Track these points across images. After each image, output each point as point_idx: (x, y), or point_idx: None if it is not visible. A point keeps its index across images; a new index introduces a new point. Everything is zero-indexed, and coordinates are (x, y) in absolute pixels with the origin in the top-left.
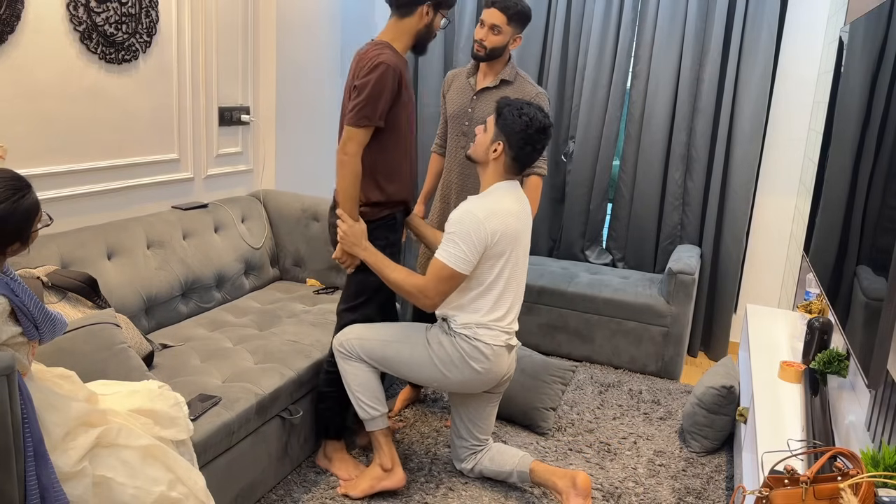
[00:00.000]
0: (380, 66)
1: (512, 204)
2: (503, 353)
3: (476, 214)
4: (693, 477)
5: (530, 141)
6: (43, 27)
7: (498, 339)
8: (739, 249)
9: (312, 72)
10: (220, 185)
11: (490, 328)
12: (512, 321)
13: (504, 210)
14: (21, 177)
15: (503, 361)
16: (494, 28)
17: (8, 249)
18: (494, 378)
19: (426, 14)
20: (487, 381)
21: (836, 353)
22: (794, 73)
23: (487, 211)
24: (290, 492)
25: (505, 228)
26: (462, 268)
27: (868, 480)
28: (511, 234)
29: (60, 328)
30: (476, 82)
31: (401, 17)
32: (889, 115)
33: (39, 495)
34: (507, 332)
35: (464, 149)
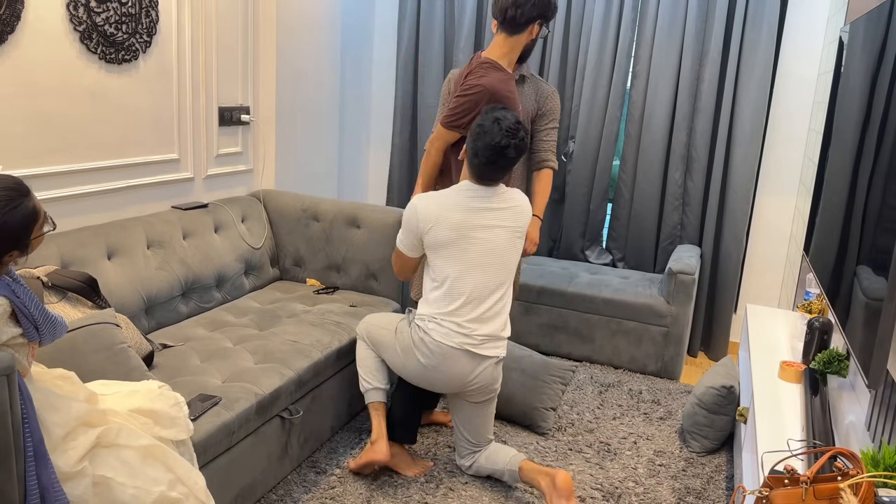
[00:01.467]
0: (478, 88)
1: (464, 200)
2: (456, 355)
3: (415, 203)
4: (693, 477)
5: (478, 153)
6: (43, 27)
7: (449, 339)
8: (739, 249)
9: (312, 72)
10: (220, 185)
11: (440, 324)
12: (470, 321)
13: (449, 202)
14: (20, 184)
15: (457, 365)
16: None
17: (6, 257)
18: (447, 379)
19: (532, 31)
20: (440, 379)
21: (836, 353)
22: (794, 73)
23: (427, 200)
24: (290, 492)
25: (442, 218)
26: (401, 247)
27: (868, 480)
28: (453, 224)
29: (61, 330)
30: None
31: (511, 35)
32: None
33: (39, 495)
34: (464, 332)
35: None
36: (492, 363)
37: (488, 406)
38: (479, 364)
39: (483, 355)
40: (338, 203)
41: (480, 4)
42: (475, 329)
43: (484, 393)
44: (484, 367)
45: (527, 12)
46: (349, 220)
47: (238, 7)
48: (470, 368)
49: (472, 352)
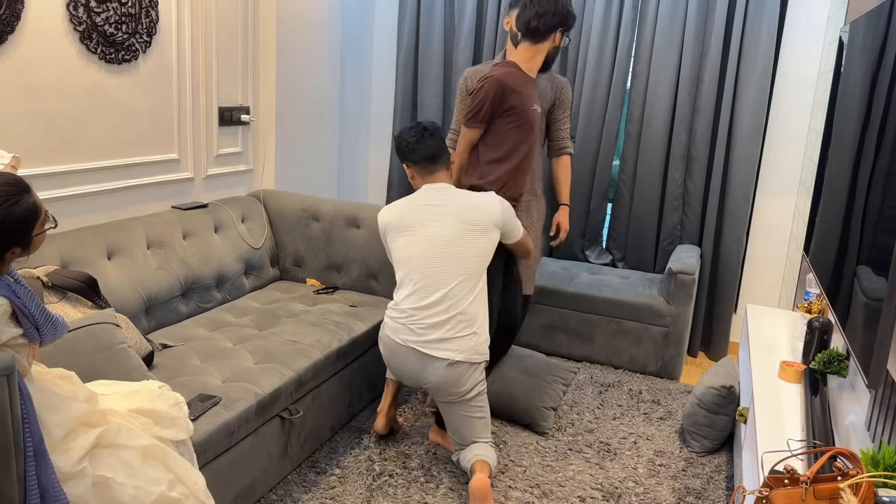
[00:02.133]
0: (488, 79)
1: (414, 199)
2: (403, 352)
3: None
4: (693, 477)
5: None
6: (43, 27)
7: (396, 335)
8: (739, 249)
9: (312, 72)
10: (220, 185)
11: (393, 319)
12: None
13: (401, 205)
14: (19, 180)
15: (405, 362)
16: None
17: (7, 254)
18: (403, 373)
19: (554, 40)
20: (399, 373)
21: (836, 353)
22: (794, 73)
23: (385, 210)
24: (290, 492)
25: (394, 220)
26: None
27: (868, 480)
28: (403, 223)
29: (62, 331)
30: None
31: (534, 43)
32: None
33: (39, 495)
34: (410, 328)
35: None
36: (443, 365)
37: (460, 408)
38: (428, 364)
39: (430, 355)
40: (338, 203)
41: (480, 4)
42: (423, 327)
43: (446, 394)
44: (434, 367)
45: (548, 22)
46: (349, 220)
47: (238, 7)
48: (419, 367)
49: (419, 350)
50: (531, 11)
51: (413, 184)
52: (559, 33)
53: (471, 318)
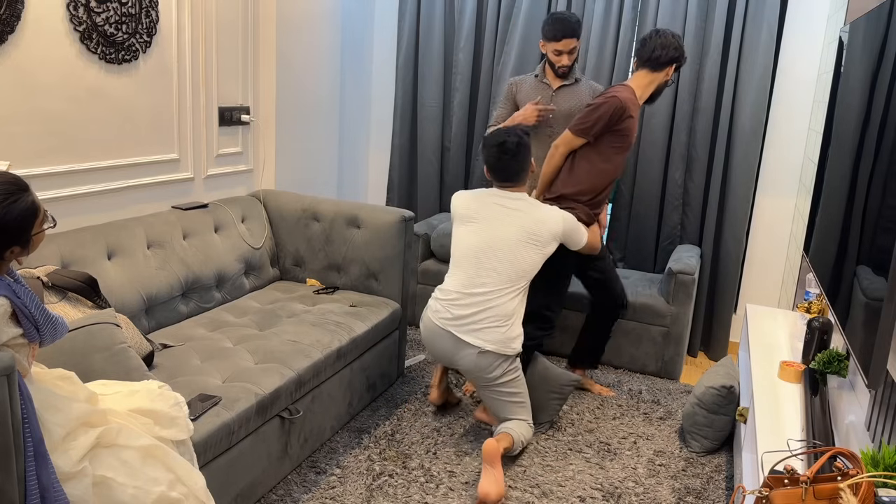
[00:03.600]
0: (612, 98)
1: (487, 194)
2: (438, 333)
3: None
4: (693, 477)
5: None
6: (43, 27)
7: (437, 315)
8: (739, 249)
9: (312, 72)
10: (220, 185)
11: (436, 300)
12: (456, 303)
13: (476, 193)
14: (18, 179)
15: (439, 342)
16: (573, 50)
17: (7, 253)
18: (437, 353)
19: (669, 73)
20: (434, 350)
21: (836, 353)
22: (794, 73)
23: (462, 192)
24: (290, 492)
25: (464, 203)
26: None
27: (868, 480)
28: (471, 208)
29: (62, 331)
30: (551, 82)
31: (652, 71)
32: (889, 115)
33: (39, 495)
34: (449, 313)
35: (549, 137)
36: (474, 352)
37: (492, 391)
38: (461, 348)
39: (464, 340)
40: (338, 203)
41: (480, 4)
42: (463, 313)
43: (477, 378)
44: (466, 352)
45: (669, 54)
46: (349, 220)
47: (238, 7)
48: (453, 350)
49: (454, 334)
50: (655, 42)
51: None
52: (672, 68)
53: (507, 314)
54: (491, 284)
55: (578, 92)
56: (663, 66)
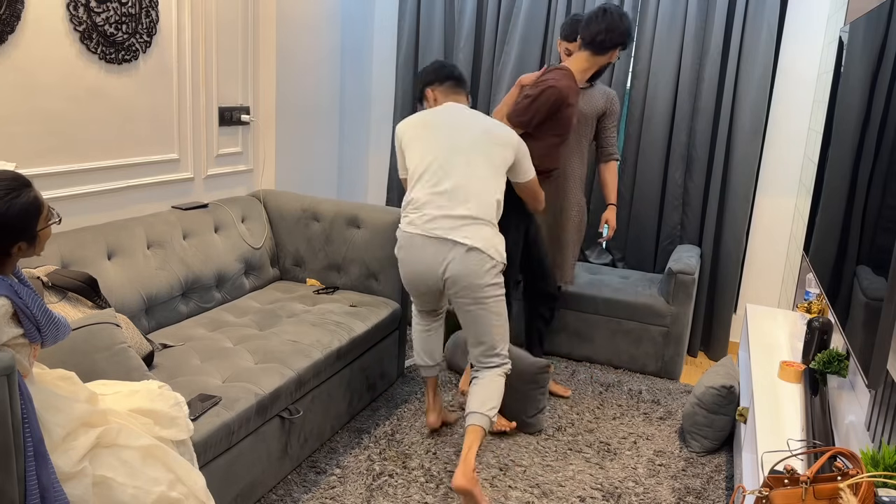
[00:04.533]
0: (551, 88)
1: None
2: (419, 242)
3: (396, 128)
4: (693, 477)
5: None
6: (43, 27)
7: (412, 226)
8: (739, 249)
9: (312, 72)
10: (220, 185)
11: (406, 214)
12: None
13: (431, 111)
14: (19, 176)
15: (423, 253)
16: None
17: (13, 250)
18: (421, 271)
19: (613, 55)
20: (417, 273)
21: (836, 353)
22: (794, 73)
23: (402, 124)
24: (290, 492)
25: (413, 126)
26: (400, 173)
27: (868, 480)
28: (419, 123)
29: (64, 333)
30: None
31: (595, 55)
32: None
33: (39, 495)
34: (426, 218)
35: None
36: (462, 251)
37: (478, 308)
38: (446, 251)
39: (449, 239)
40: (338, 203)
41: (480, 4)
42: (440, 214)
43: (463, 289)
44: (453, 253)
45: (615, 39)
46: (349, 220)
47: (238, 7)
48: (438, 257)
49: (438, 237)
50: (600, 25)
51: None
52: (617, 51)
53: (487, 209)
54: (464, 179)
55: (592, 96)
56: (607, 49)
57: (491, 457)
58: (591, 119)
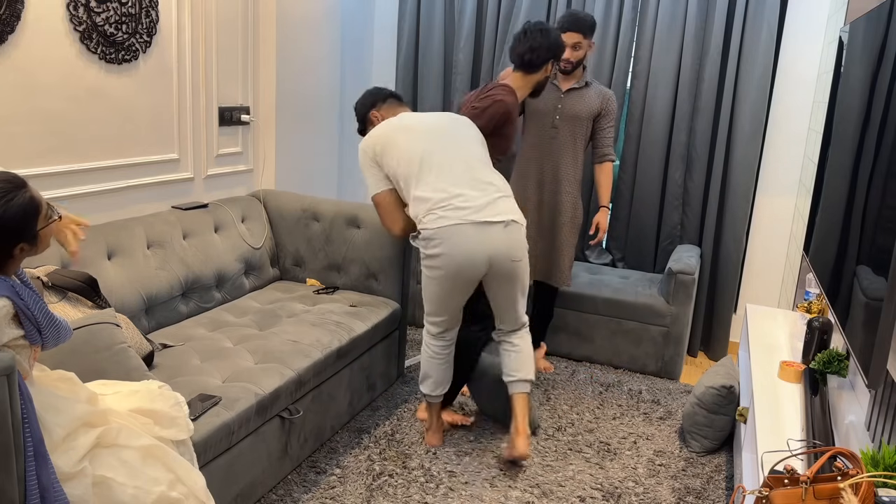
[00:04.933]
0: (500, 103)
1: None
2: (458, 232)
3: (361, 147)
4: (693, 477)
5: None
6: (43, 27)
7: (444, 220)
8: (739, 249)
9: (313, 72)
10: (220, 185)
11: (432, 212)
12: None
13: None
14: (15, 177)
15: (464, 241)
16: (576, 45)
17: (15, 251)
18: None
19: (547, 69)
20: (462, 263)
21: (835, 353)
22: (794, 73)
23: (367, 138)
24: (290, 492)
25: (382, 134)
26: (374, 189)
27: (868, 480)
28: (385, 133)
29: (65, 335)
30: (560, 85)
31: (527, 74)
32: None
33: (39, 495)
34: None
35: (554, 139)
36: (501, 228)
37: (512, 286)
38: (486, 233)
39: (487, 222)
40: (338, 203)
41: (480, 4)
42: (464, 200)
43: (505, 266)
44: (494, 234)
45: (542, 55)
46: (349, 220)
47: (238, 7)
48: (480, 243)
49: (476, 222)
50: (525, 45)
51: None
52: (551, 64)
53: (501, 181)
54: (463, 161)
55: (587, 96)
56: (538, 67)
57: (491, 457)
58: (586, 120)
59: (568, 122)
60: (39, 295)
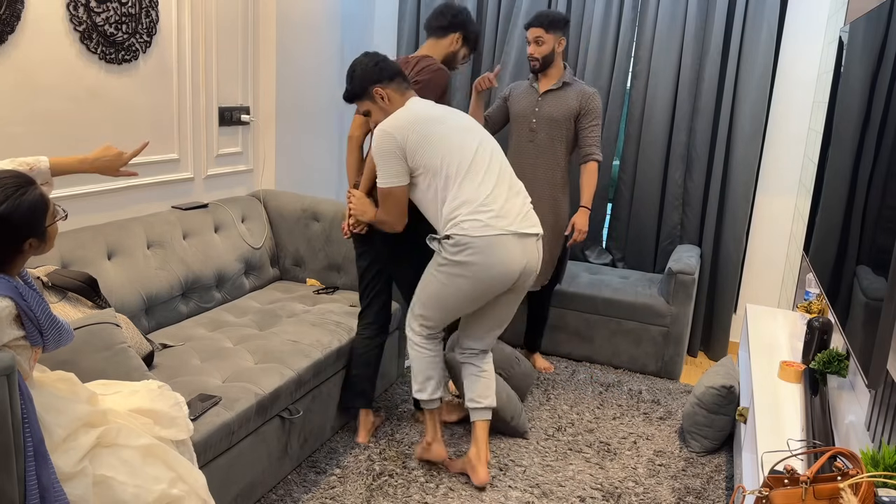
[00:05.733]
0: (439, 72)
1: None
2: (502, 242)
3: (384, 129)
4: (693, 477)
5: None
6: (43, 27)
7: (487, 230)
8: (739, 249)
9: (312, 72)
10: (220, 185)
11: (472, 218)
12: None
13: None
14: (22, 174)
15: (506, 251)
16: (538, 39)
17: (25, 246)
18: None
19: (455, 42)
20: (497, 275)
21: (835, 353)
22: (794, 73)
23: (393, 120)
24: (290, 492)
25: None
26: (392, 181)
27: (868, 480)
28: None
29: (67, 338)
30: (539, 87)
31: (436, 39)
32: (889, 115)
33: (39, 495)
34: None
35: (531, 142)
36: (535, 240)
37: (517, 296)
38: (526, 245)
39: (527, 234)
40: (338, 203)
41: (480, 4)
42: (508, 209)
43: (528, 278)
44: (530, 246)
45: (445, 21)
46: None
47: (238, 7)
48: (520, 254)
49: (518, 233)
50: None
51: (388, 109)
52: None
53: (524, 190)
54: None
55: (564, 97)
56: (443, 33)
57: (491, 457)
58: (564, 122)
59: (545, 125)
60: (43, 297)
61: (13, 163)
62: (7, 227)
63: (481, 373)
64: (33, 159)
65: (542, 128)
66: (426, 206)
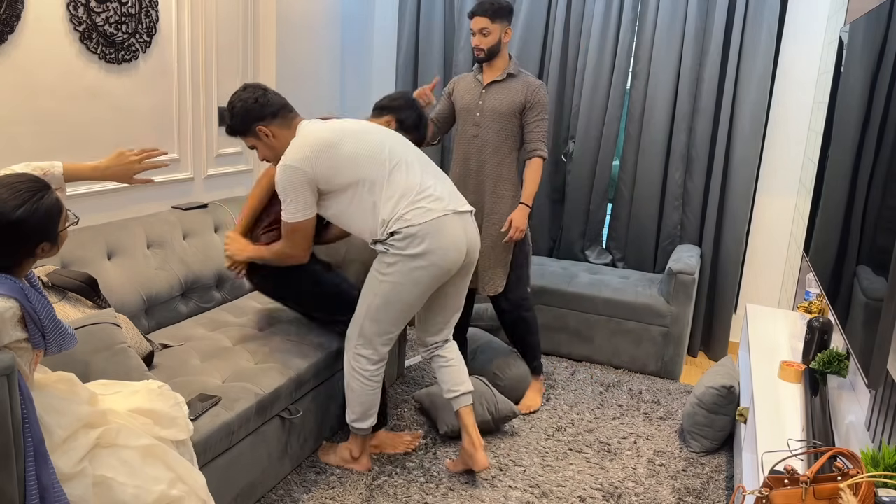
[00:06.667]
0: None
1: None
2: (447, 222)
3: (290, 166)
4: (693, 477)
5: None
6: (43, 27)
7: (429, 214)
8: (739, 249)
9: (312, 72)
10: (220, 185)
11: (413, 208)
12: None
13: (313, 140)
14: (39, 178)
15: (452, 231)
16: (483, 31)
17: (38, 249)
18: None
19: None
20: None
21: (836, 353)
22: (794, 73)
23: (297, 156)
24: (290, 492)
25: (321, 150)
26: (302, 214)
27: (868, 480)
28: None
29: (70, 343)
30: (483, 79)
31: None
32: (889, 115)
33: (39, 496)
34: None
35: (476, 137)
36: (469, 217)
37: (466, 279)
38: (466, 223)
39: (463, 211)
40: None
41: None
42: (438, 191)
43: (473, 257)
44: (469, 223)
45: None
46: None
47: (238, 7)
48: (462, 233)
49: (457, 211)
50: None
51: (275, 144)
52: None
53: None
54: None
55: (510, 89)
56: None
57: (491, 457)
58: (509, 115)
59: (490, 118)
60: (48, 300)
61: (28, 167)
62: (23, 231)
63: (449, 363)
64: (48, 164)
65: (487, 122)
66: (348, 219)
